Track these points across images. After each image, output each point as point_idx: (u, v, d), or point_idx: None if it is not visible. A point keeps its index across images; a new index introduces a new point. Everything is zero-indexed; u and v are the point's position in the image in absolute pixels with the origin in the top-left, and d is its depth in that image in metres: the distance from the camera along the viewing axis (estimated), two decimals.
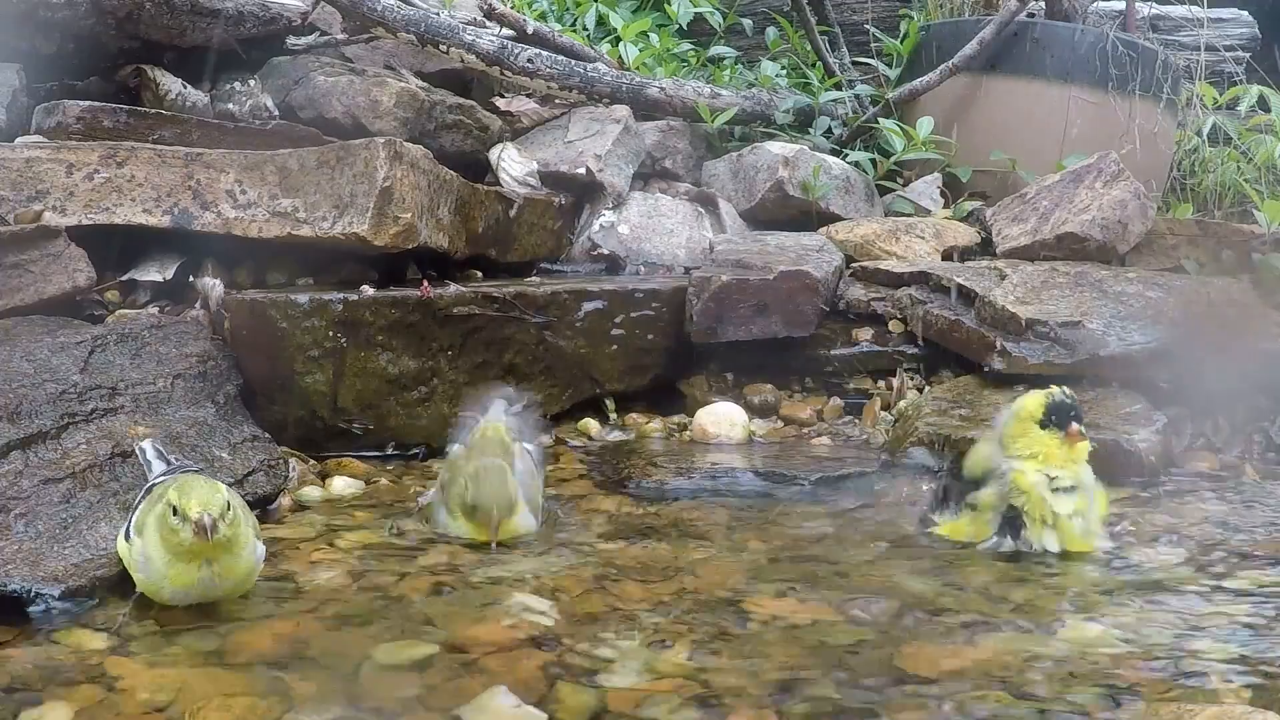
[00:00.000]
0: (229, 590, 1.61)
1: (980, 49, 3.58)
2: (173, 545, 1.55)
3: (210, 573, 1.57)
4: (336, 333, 2.39)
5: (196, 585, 1.57)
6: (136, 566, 1.59)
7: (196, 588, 1.58)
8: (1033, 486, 1.88)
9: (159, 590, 1.59)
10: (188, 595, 1.59)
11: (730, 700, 1.34)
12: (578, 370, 2.66)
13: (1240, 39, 4.92)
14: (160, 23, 3.00)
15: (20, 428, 1.90)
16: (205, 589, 1.58)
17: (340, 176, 2.53)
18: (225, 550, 1.57)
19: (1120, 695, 1.35)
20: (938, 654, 1.47)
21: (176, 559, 1.56)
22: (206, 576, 1.57)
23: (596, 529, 2.02)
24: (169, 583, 1.57)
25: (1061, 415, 1.90)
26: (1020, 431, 1.93)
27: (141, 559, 1.58)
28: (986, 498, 1.91)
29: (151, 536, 1.57)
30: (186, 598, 1.59)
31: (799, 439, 2.64)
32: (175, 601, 1.59)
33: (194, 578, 1.57)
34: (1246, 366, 2.53)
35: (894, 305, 2.86)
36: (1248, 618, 1.60)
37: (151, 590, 1.59)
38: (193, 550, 1.54)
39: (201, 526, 1.51)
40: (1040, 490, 1.88)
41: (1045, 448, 1.91)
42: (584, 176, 3.24)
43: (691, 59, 4.34)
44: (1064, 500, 1.89)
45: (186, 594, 1.59)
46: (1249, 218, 3.28)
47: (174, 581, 1.57)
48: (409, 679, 1.41)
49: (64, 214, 2.51)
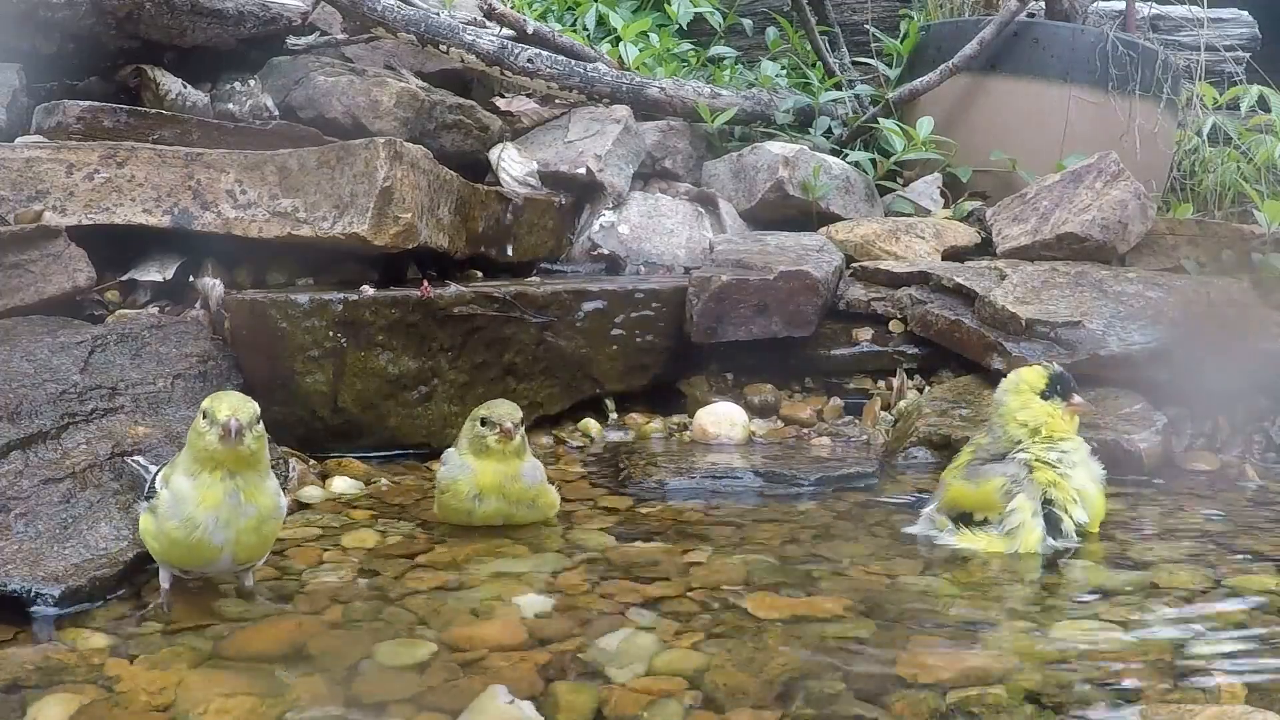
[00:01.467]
0: (253, 534, 1.59)
1: (980, 49, 3.58)
2: (198, 451, 1.56)
3: (235, 486, 1.57)
4: (336, 333, 2.39)
5: (224, 505, 1.56)
6: (166, 515, 1.57)
7: (225, 508, 1.56)
8: (1057, 475, 1.91)
9: (188, 531, 1.56)
10: (216, 524, 1.56)
11: (730, 700, 1.34)
12: (578, 370, 2.66)
13: (1240, 39, 4.93)
14: (160, 23, 3.00)
15: (20, 428, 1.91)
16: (233, 510, 1.57)
17: (340, 176, 2.53)
18: (249, 466, 1.58)
19: (1120, 695, 1.35)
20: (938, 653, 1.47)
21: (203, 470, 1.56)
22: (232, 492, 1.56)
23: (596, 529, 2.02)
24: (199, 507, 1.56)
25: (1065, 386, 1.97)
26: (1020, 404, 1.97)
27: (170, 502, 1.57)
28: (1023, 505, 1.89)
29: (178, 474, 1.58)
30: (216, 528, 1.56)
31: (799, 439, 2.64)
32: (205, 540, 1.56)
33: (219, 496, 1.56)
34: (1246, 366, 2.53)
35: (894, 305, 2.86)
36: (1248, 618, 1.60)
37: (180, 537, 1.57)
38: (217, 458, 1.55)
39: (228, 429, 1.53)
40: (1061, 472, 1.91)
41: (1049, 418, 1.95)
42: (584, 176, 3.24)
43: (691, 59, 4.34)
44: (1080, 473, 1.94)
45: (215, 518, 1.56)
46: (1249, 218, 3.29)
47: (203, 504, 1.56)
48: (409, 679, 1.41)
49: (64, 214, 2.51)
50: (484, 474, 1.97)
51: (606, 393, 2.72)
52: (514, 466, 1.98)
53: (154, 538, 1.61)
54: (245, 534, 1.59)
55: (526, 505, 2.00)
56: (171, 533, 1.58)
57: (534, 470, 2.01)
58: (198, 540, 1.57)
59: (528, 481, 1.99)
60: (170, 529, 1.58)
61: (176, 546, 1.59)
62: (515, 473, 1.98)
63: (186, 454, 1.60)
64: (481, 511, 1.98)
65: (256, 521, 1.60)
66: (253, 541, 1.61)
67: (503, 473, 1.97)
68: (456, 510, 2.00)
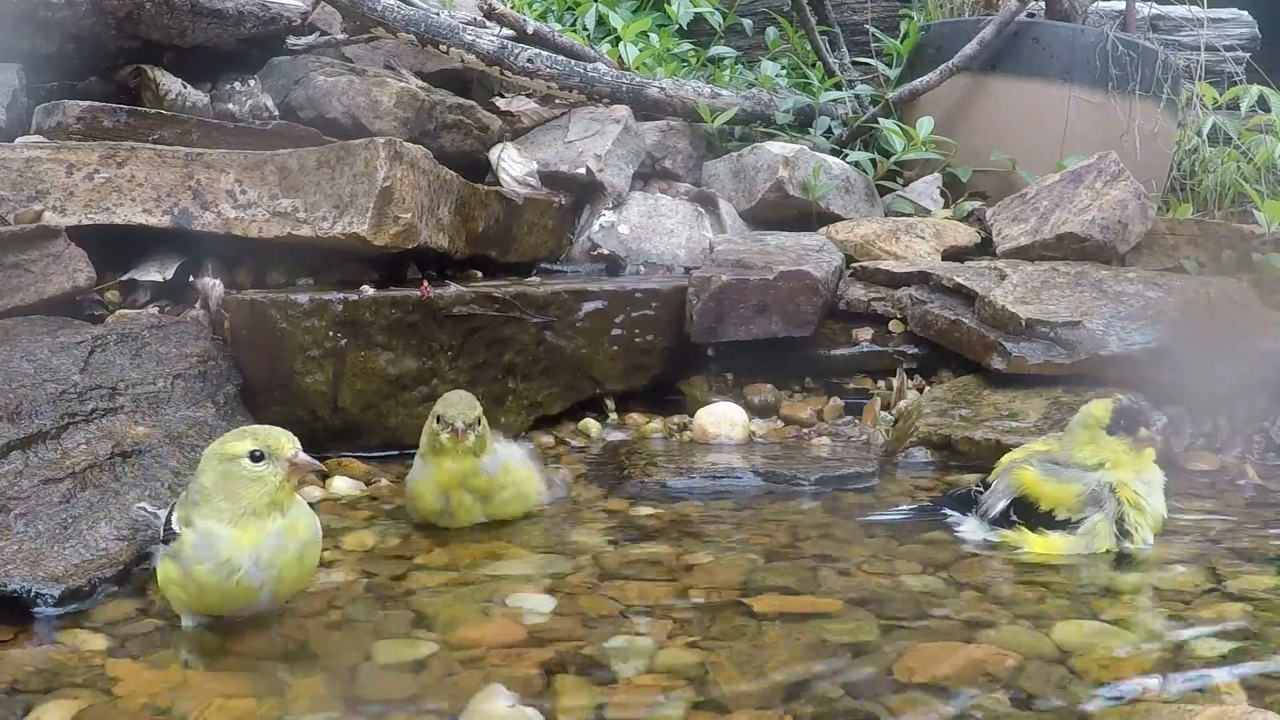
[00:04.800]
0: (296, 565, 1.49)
1: (980, 49, 3.58)
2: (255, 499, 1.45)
3: (282, 526, 1.47)
4: (336, 333, 2.39)
5: (267, 543, 1.45)
6: (197, 558, 1.45)
7: (267, 546, 1.46)
8: (1136, 497, 1.88)
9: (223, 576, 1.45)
10: (255, 564, 1.45)
11: (731, 700, 1.34)
12: (578, 370, 2.66)
13: (1240, 39, 4.93)
14: (160, 23, 3.00)
15: (20, 428, 1.91)
16: (274, 550, 1.46)
17: (340, 176, 2.53)
18: (292, 499, 1.50)
19: (1120, 695, 1.35)
20: (939, 653, 1.47)
21: (252, 517, 1.45)
22: (277, 532, 1.46)
23: (596, 529, 2.02)
24: (240, 546, 1.44)
25: (1130, 420, 1.89)
26: (1087, 439, 1.91)
27: (198, 541, 1.45)
28: (1099, 521, 1.88)
29: (207, 512, 1.47)
30: (254, 570, 1.45)
31: (799, 439, 2.64)
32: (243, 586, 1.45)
33: (263, 535, 1.46)
34: (1246, 366, 2.53)
35: (894, 305, 2.87)
36: (1247, 617, 1.60)
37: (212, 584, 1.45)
38: (277, 499, 1.46)
39: (302, 462, 1.47)
40: (1140, 497, 1.89)
41: (1113, 454, 1.89)
42: (584, 176, 3.24)
43: (691, 59, 4.34)
44: (1155, 500, 1.91)
45: (255, 559, 1.45)
46: (1249, 218, 3.29)
47: (244, 542, 1.45)
48: (408, 678, 1.41)
49: (64, 214, 2.51)
50: (440, 472, 1.95)
51: (606, 393, 2.72)
52: (471, 464, 1.95)
53: (180, 585, 1.49)
54: (287, 568, 1.49)
55: (500, 497, 1.99)
56: (203, 576, 1.46)
57: (493, 462, 1.98)
58: (235, 583, 1.46)
59: (490, 473, 1.98)
60: (201, 572, 1.45)
61: (208, 592, 1.47)
62: (474, 469, 1.96)
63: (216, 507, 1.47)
64: (454, 510, 1.97)
65: (299, 553, 1.50)
66: (295, 575, 1.51)
67: (460, 471, 1.95)
68: (429, 512, 1.99)
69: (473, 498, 1.98)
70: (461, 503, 1.98)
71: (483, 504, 2.00)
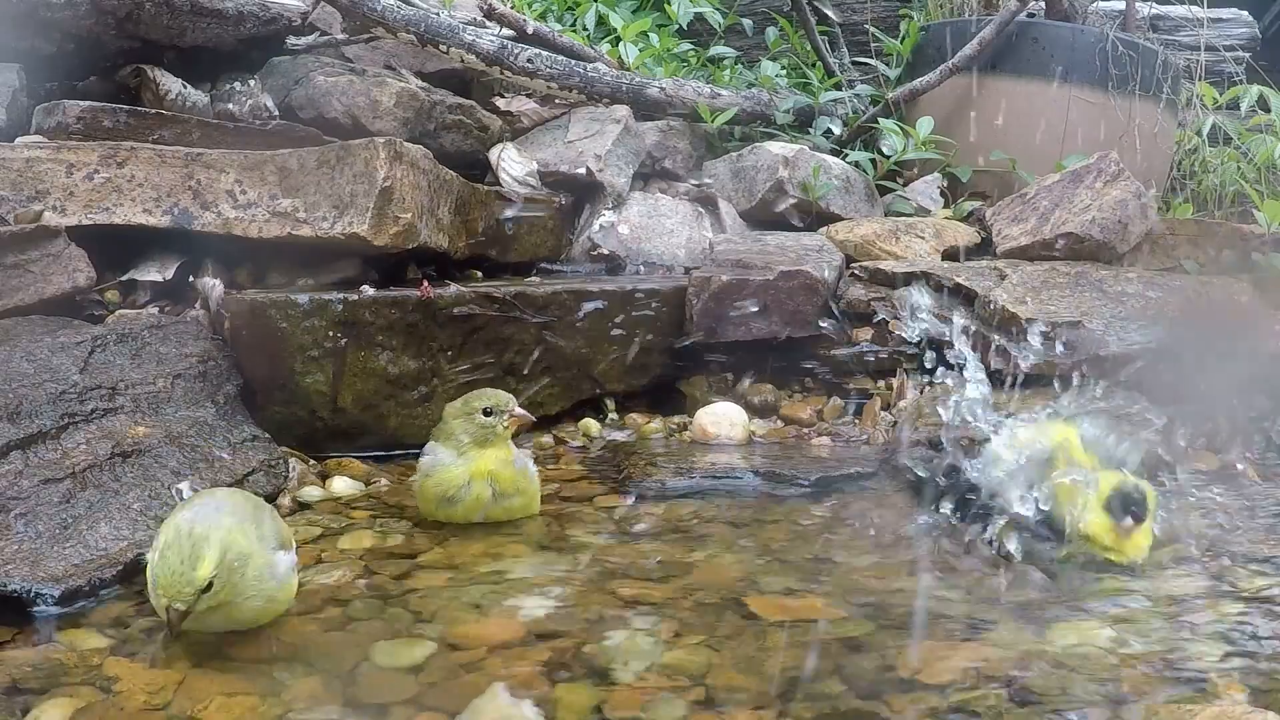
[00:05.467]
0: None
1: (980, 49, 3.58)
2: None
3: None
4: (336, 333, 2.39)
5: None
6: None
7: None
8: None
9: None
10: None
11: (731, 700, 1.34)
12: (578, 370, 2.66)
13: (1240, 39, 4.93)
14: (160, 23, 3.00)
15: (20, 428, 1.90)
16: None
17: (340, 176, 2.53)
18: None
19: (1120, 695, 1.35)
20: (938, 653, 1.47)
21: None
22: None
23: (596, 529, 2.02)
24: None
25: (1122, 505, 1.84)
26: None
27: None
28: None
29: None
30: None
31: (799, 439, 2.64)
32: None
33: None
34: (1246, 366, 2.53)
35: (894, 305, 2.86)
36: (1247, 617, 1.60)
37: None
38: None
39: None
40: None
41: (1098, 526, 1.85)
42: (584, 176, 3.24)
43: (691, 59, 4.34)
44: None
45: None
46: (1249, 218, 3.28)
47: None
48: (408, 678, 1.41)
49: (64, 214, 2.51)
50: (484, 461, 2.00)
51: (606, 393, 2.72)
52: (508, 453, 2.03)
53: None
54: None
55: (513, 495, 2.01)
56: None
57: (520, 459, 2.06)
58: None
59: (519, 466, 2.03)
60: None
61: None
62: (508, 457, 2.02)
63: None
64: (467, 502, 1.99)
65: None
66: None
67: (498, 458, 2.01)
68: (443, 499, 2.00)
69: (491, 491, 1.99)
70: (479, 496, 1.99)
71: (499, 500, 2.01)
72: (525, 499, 2.04)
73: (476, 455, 2.00)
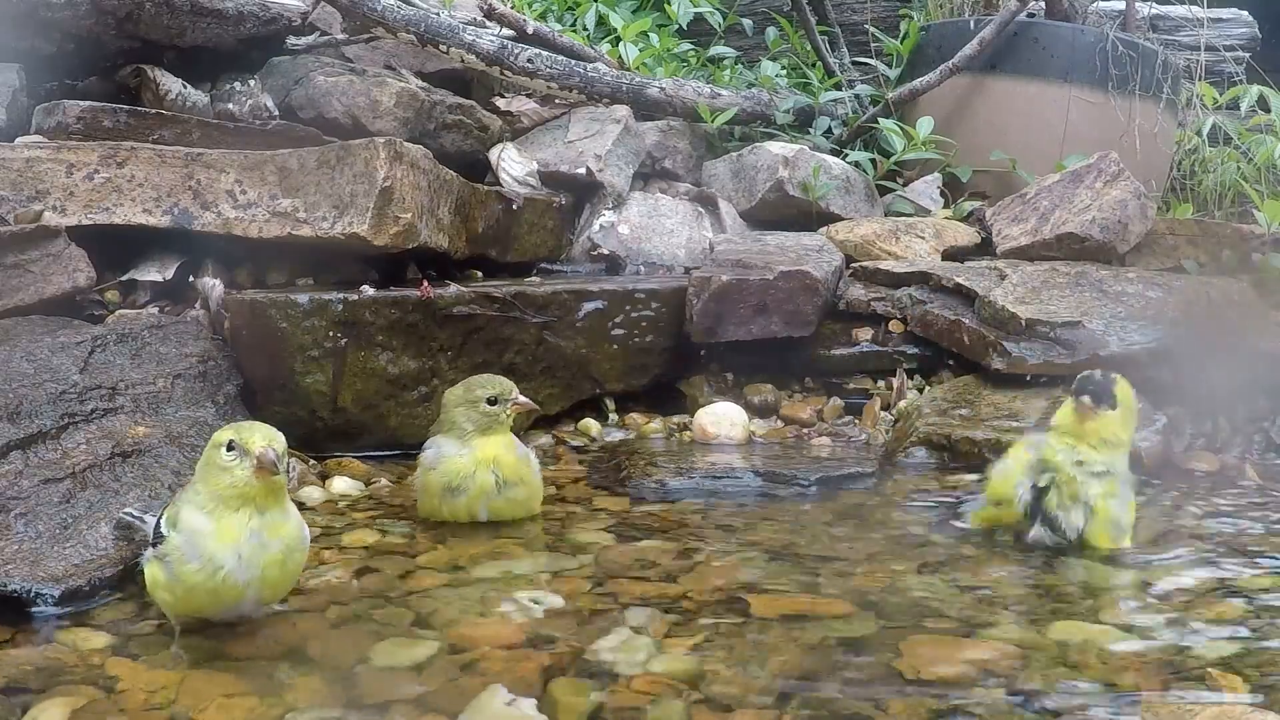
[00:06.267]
0: (278, 568, 1.48)
1: (980, 49, 3.58)
2: (220, 488, 1.45)
3: (260, 525, 1.46)
4: (336, 333, 2.39)
5: (247, 541, 1.45)
6: (183, 558, 1.45)
7: (247, 544, 1.45)
8: (1061, 463, 1.87)
9: (211, 573, 1.45)
10: (238, 563, 1.45)
11: (731, 700, 1.34)
12: (578, 370, 2.66)
13: (1240, 39, 4.93)
14: (160, 23, 3.01)
15: (20, 428, 1.91)
16: (255, 549, 1.46)
17: (340, 176, 2.53)
18: (276, 500, 1.48)
19: (1120, 694, 1.35)
20: (938, 653, 1.47)
21: (223, 508, 1.45)
22: (256, 531, 1.46)
23: (596, 529, 2.02)
24: (216, 540, 1.44)
25: (1080, 386, 1.89)
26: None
27: (184, 544, 1.45)
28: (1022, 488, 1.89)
29: (188, 512, 1.47)
30: (237, 568, 1.45)
31: (799, 439, 2.64)
32: (226, 584, 1.45)
33: (242, 532, 1.45)
34: (1246, 366, 2.53)
35: (894, 305, 2.86)
36: (1247, 617, 1.60)
37: (199, 581, 1.45)
38: (247, 494, 1.45)
39: (265, 460, 1.43)
40: (1069, 468, 1.87)
41: (1064, 416, 1.91)
42: (584, 176, 3.24)
43: (691, 59, 4.34)
44: (1094, 483, 1.87)
45: (236, 556, 1.45)
46: (1249, 218, 3.29)
47: (221, 538, 1.44)
48: (408, 679, 1.41)
49: (64, 214, 2.51)
50: (488, 448, 2.00)
51: (606, 393, 2.72)
52: (509, 438, 2.04)
53: (166, 588, 1.48)
54: (270, 569, 1.48)
55: (516, 483, 2.01)
56: (189, 577, 1.45)
57: (520, 447, 2.06)
58: (220, 581, 1.45)
59: (520, 454, 2.03)
60: (187, 573, 1.45)
61: (195, 593, 1.46)
62: (511, 443, 2.03)
63: (197, 491, 1.48)
64: (472, 492, 1.98)
65: (282, 555, 1.49)
66: (277, 577, 1.50)
67: (501, 444, 2.01)
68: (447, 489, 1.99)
69: (495, 478, 1.99)
70: (484, 484, 1.98)
71: (502, 490, 2.00)
72: (528, 490, 2.04)
73: (480, 443, 2.00)
